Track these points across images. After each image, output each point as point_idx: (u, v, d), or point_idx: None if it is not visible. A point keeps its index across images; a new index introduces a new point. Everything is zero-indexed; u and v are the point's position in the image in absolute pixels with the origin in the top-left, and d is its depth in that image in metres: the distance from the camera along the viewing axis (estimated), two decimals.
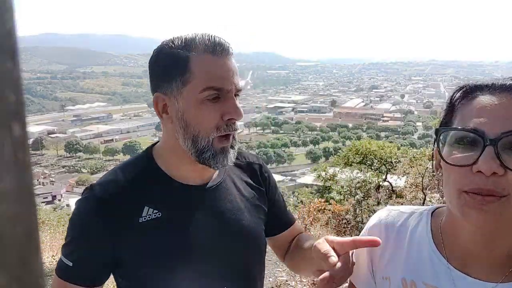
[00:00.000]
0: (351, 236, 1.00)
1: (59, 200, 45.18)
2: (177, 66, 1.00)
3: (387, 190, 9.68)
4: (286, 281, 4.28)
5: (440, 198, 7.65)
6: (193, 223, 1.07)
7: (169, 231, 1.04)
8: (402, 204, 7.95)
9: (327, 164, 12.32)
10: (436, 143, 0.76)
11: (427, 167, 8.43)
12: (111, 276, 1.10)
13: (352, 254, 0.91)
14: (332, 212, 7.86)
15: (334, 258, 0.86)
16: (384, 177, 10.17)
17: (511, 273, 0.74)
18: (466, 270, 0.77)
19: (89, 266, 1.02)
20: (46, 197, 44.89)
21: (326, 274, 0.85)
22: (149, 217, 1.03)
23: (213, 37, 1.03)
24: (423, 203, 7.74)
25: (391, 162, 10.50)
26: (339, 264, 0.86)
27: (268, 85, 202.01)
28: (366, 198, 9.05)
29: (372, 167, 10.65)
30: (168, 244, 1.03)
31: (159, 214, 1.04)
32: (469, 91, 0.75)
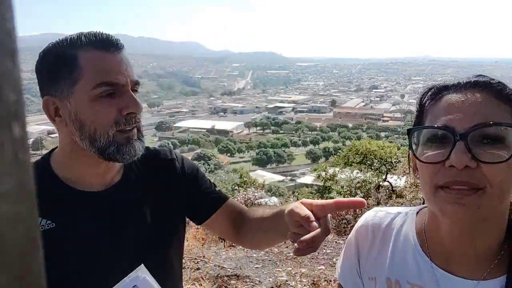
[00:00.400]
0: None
1: None
2: (64, 65, 0.96)
3: (387, 190, 9.67)
4: (286, 281, 4.28)
5: None
6: (90, 232, 1.03)
7: (63, 241, 0.99)
8: (402, 204, 7.95)
9: (327, 164, 12.31)
10: (409, 144, 0.78)
11: None
12: None
13: (329, 217, 0.90)
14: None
15: (315, 222, 0.85)
16: (384, 177, 10.17)
17: (492, 270, 0.75)
18: (449, 268, 0.78)
19: None
20: None
21: (307, 237, 0.83)
22: (41, 228, 0.98)
23: (99, 33, 1.00)
24: (423, 203, 7.71)
25: (391, 162, 10.50)
26: (320, 229, 0.85)
27: (268, 85, 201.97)
28: (366, 198, 9.05)
29: (372, 167, 10.66)
30: (63, 253, 0.99)
31: (52, 225, 0.99)
32: (437, 92, 0.77)
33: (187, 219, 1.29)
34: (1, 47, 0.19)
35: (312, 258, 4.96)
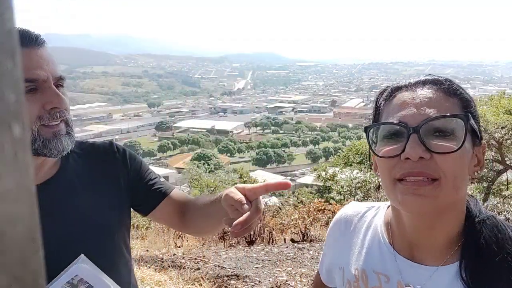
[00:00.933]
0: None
1: None
2: None
3: None
4: (286, 281, 4.28)
5: None
6: None
7: None
8: None
9: (327, 164, 12.32)
10: (368, 142, 0.83)
11: None
12: None
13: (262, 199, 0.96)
14: (332, 212, 7.86)
15: (247, 205, 0.90)
16: None
17: (452, 256, 0.78)
18: (412, 256, 0.82)
19: None
20: None
21: (241, 219, 0.87)
22: None
23: (18, 29, 1.01)
24: None
25: None
26: (251, 210, 0.90)
27: (268, 85, 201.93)
28: (366, 198, 9.05)
29: (372, 167, 10.64)
30: None
31: None
32: (391, 92, 0.82)
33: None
34: (1, 47, 0.19)
35: (312, 258, 4.96)
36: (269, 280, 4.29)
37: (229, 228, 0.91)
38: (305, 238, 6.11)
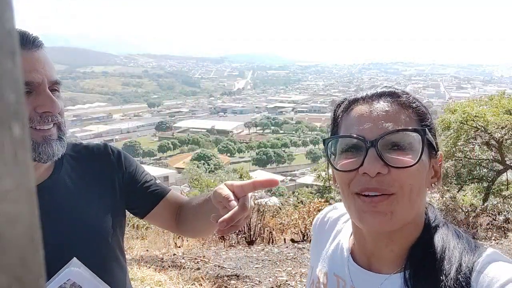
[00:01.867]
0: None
1: None
2: None
3: None
4: (286, 281, 4.28)
5: (440, 198, 7.66)
6: None
7: None
8: None
9: (327, 164, 12.29)
10: (326, 154, 0.83)
11: None
12: None
13: (250, 197, 0.95)
14: None
15: (234, 201, 0.90)
16: None
17: (405, 265, 0.78)
18: (368, 264, 0.83)
19: None
20: None
21: (226, 216, 0.87)
22: None
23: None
24: None
25: None
26: (238, 207, 0.89)
27: (268, 85, 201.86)
28: None
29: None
30: None
31: None
32: (348, 105, 0.82)
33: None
34: (1, 47, 0.19)
35: None
36: (269, 280, 4.29)
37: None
38: (305, 238, 6.11)
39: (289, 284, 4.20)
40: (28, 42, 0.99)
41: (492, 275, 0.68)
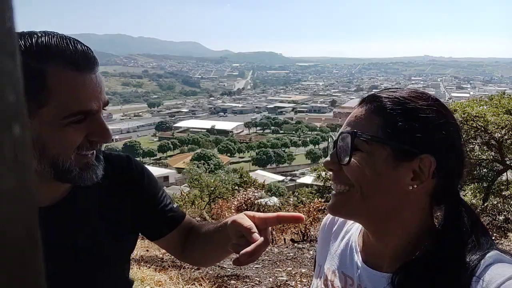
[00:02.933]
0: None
1: None
2: (30, 80, 0.81)
3: None
4: (286, 281, 4.27)
5: None
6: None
7: None
8: None
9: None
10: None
11: None
12: None
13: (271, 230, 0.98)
14: None
15: (257, 234, 0.88)
16: None
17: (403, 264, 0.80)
18: (373, 263, 0.87)
19: None
20: None
21: (249, 249, 0.85)
22: None
23: (74, 44, 0.87)
24: None
25: None
26: (261, 239, 0.87)
27: (268, 85, 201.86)
28: None
29: None
30: None
31: None
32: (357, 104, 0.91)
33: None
34: (1, 47, 0.19)
35: (312, 258, 4.96)
36: (269, 280, 4.29)
37: (235, 254, 0.88)
38: (305, 238, 6.11)
39: (289, 284, 4.20)
40: (90, 61, 0.88)
41: (487, 280, 0.69)
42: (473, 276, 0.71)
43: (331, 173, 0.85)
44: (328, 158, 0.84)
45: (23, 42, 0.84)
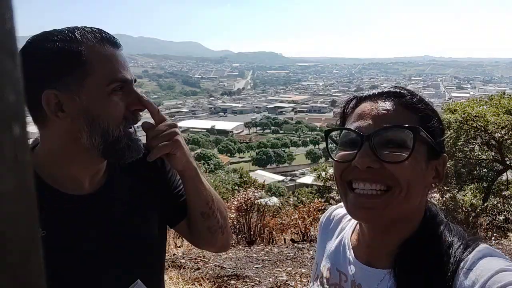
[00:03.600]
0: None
1: None
2: (71, 60, 0.93)
3: None
4: (286, 281, 4.27)
5: (440, 198, 7.66)
6: (82, 239, 1.00)
7: (55, 250, 0.93)
8: None
9: (327, 164, 12.31)
10: (326, 145, 0.88)
11: None
12: None
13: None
14: None
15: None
16: None
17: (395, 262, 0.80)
18: (367, 260, 0.86)
19: None
20: None
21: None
22: None
23: (102, 31, 0.99)
24: None
25: None
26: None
27: (268, 85, 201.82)
28: None
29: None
30: (56, 263, 0.90)
31: (43, 233, 0.92)
32: (357, 101, 0.86)
33: None
34: (1, 47, 0.19)
35: (312, 258, 4.96)
36: (269, 280, 4.29)
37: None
38: (305, 238, 6.11)
39: (289, 284, 4.20)
40: (116, 42, 0.99)
41: (477, 273, 0.69)
42: (463, 268, 0.71)
43: (342, 172, 0.80)
44: (362, 155, 0.76)
45: (55, 34, 0.94)
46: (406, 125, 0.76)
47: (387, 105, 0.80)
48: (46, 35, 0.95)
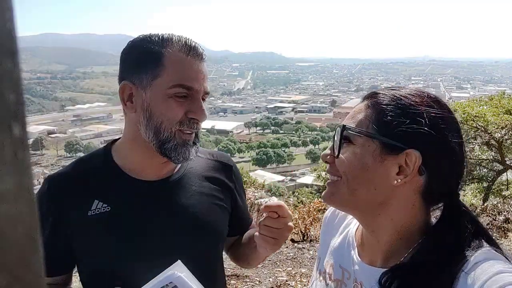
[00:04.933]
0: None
1: None
2: (151, 59, 1.04)
3: None
4: (286, 281, 4.28)
5: None
6: (142, 218, 1.08)
7: (115, 225, 1.06)
8: None
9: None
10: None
11: None
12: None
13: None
14: None
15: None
16: None
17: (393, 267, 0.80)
18: (368, 258, 0.88)
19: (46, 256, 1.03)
20: None
21: (271, 203, 1.03)
22: (98, 211, 1.06)
23: (189, 40, 1.09)
24: None
25: None
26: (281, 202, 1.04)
27: (268, 85, 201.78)
28: None
29: None
30: (114, 237, 1.05)
31: (108, 208, 1.07)
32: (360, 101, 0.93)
33: None
34: (1, 47, 0.19)
35: (312, 258, 4.96)
36: (269, 280, 4.29)
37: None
38: (305, 238, 6.11)
39: (289, 284, 4.20)
40: (197, 53, 1.08)
41: (477, 275, 0.69)
42: (463, 270, 0.71)
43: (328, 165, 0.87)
44: (327, 151, 0.87)
45: (154, 36, 1.07)
46: (343, 124, 0.84)
47: (359, 106, 0.86)
48: (149, 34, 1.09)
